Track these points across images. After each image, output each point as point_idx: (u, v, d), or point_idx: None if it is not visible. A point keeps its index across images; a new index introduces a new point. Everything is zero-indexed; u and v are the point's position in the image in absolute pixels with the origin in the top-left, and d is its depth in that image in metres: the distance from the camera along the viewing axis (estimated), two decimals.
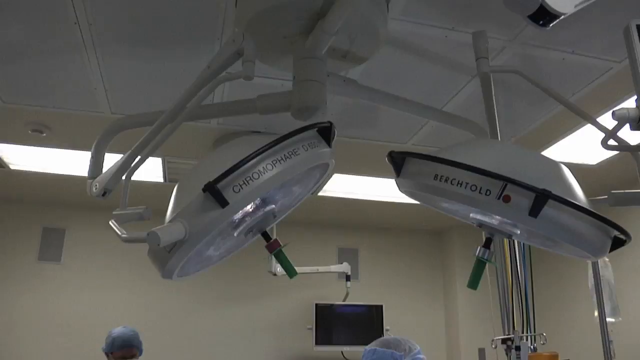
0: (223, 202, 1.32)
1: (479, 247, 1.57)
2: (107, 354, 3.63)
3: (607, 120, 1.49)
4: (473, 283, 1.60)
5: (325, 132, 1.52)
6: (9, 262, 5.39)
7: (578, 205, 1.37)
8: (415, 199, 1.66)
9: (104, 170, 1.84)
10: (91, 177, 1.85)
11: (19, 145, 4.18)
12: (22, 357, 5.12)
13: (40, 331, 5.23)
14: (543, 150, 3.89)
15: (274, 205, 1.57)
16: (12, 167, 4.60)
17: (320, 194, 5.24)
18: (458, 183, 1.36)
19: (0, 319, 5.24)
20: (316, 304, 5.57)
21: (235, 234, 1.56)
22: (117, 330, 3.66)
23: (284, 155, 1.40)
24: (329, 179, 1.73)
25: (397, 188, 1.61)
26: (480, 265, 1.59)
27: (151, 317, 5.33)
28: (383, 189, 4.90)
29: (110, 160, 1.83)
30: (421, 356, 1.55)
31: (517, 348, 3.40)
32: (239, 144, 1.53)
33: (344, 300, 5.63)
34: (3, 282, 5.33)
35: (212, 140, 3.93)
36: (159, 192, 2.44)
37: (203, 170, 1.43)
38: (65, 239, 5.58)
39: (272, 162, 1.38)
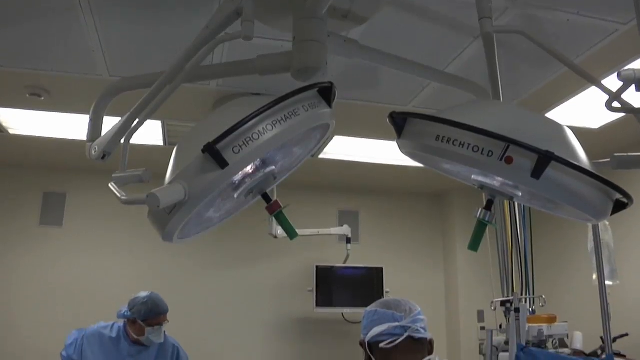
0: (223, 163, 1.30)
1: (479, 209, 1.57)
2: (132, 320, 3.44)
3: (610, 82, 1.47)
4: (474, 245, 1.60)
5: (326, 93, 1.50)
6: (10, 226, 5.41)
7: (581, 168, 1.36)
8: (417, 160, 1.65)
9: (103, 133, 1.83)
10: (90, 140, 1.84)
11: (17, 110, 4.16)
12: (24, 321, 5.17)
13: (41, 295, 5.27)
14: (544, 113, 3.86)
15: (274, 167, 1.56)
16: (11, 131, 4.58)
17: (320, 156, 5.25)
18: (460, 144, 1.34)
19: (1, 282, 5.28)
20: (317, 267, 5.61)
21: (235, 196, 1.55)
22: (154, 295, 3.52)
23: (284, 115, 1.38)
24: (330, 141, 1.72)
25: (398, 150, 1.59)
26: (481, 227, 1.58)
27: (152, 280, 5.35)
28: (384, 152, 4.89)
29: (110, 123, 1.81)
30: (421, 317, 1.56)
31: (517, 310, 3.43)
32: (238, 104, 1.51)
33: (344, 263, 5.67)
34: (4, 246, 5.36)
35: (211, 102, 3.90)
36: (159, 155, 2.43)
37: (202, 131, 1.42)
38: (66, 203, 5.59)
39: (272, 122, 1.36)
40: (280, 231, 5.06)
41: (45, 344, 4.62)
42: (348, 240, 5.63)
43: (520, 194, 1.58)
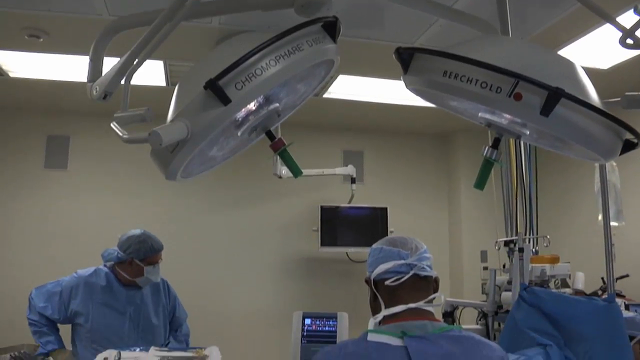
0: (225, 100, 1.28)
1: (486, 147, 1.55)
2: (128, 262, 3.21)
3: (624, 19, 1.43)
4: (480, 183, 1.59)
5: (331, 28, 1.46)
6: (14, 170, 5.40)
7: (591, 105, 1.33)
8: (423, 97, 1.62)
9: (104, 73, 1.79)
10: (91, 80, 1.81)
11: (17, 52, 4.08)
12: (26, 264, 5.21)
13: (47, 237, 5.30)
14: None
15: (277, 104, 1.53)
16: (11, 74, 4.52)
17: (325, 95, 5.17)
18: (468, 80, 1.32)
19: (7, 225, 5.33)
20: (321, 206, 5.62)
21: (238, 134, 1.53)
22: (147, 232, 3.31)
23: (288, 50, 1.35)
24: (334, 79, 1.69)
25: (403, 89, 1.56)
26: (487, 165, 1.57)
27: (158, 221, 5.39)
28: (389, 91, 4.83)
29: (110, 63, 1.78)
30: (427, 255, 1.56)
31: (520, 250, 3.43)
32: (240, 40, 1.48)
33: (349, 203, 5.67)
34: (9, 190, 5.37)
35: (214, 41, 3.83)
36: (162, 96, 2.38)
37: (204, 67, 1.39)
38: (71, 146, 5.56)
39: (275, 57, 1.33)
40: (284, 171, 5.05)
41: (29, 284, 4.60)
42: (352, 181, 5.62)
43: (528, 132, 1.56)
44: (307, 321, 3.55)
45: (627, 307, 3.61)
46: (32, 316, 3.18)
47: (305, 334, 3.53)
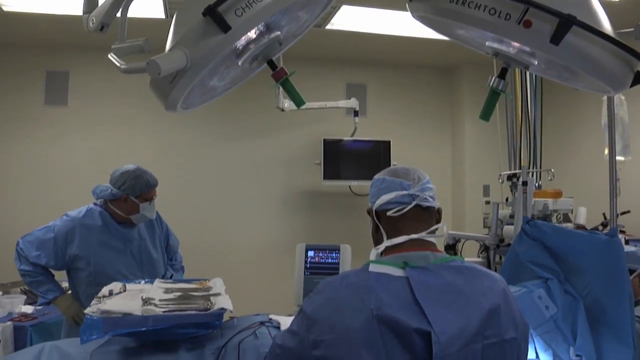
0: (225, 27, 1.24)
1: (493, 77, 1.51)
2: (122, 199, 3.04)
3: None
4: (485, 114, 1.56)
5: None
6: (14, 107, 5.35)
7: (604, 34, 1.29)
8: (429, 25, 1.57)
9: (100, 3, 1.74)
10: (87, 12, 1.75)
11: None
12: (31, 201, 5.25)
13: (49, 175, 5.32)
14: None
15: (279, 32, 1.49)
16: (5, 8, 4.41)
17: (327, 27, 5.08)
18: (476, 6, 1.27)
19: (8, 164, 5.34)
20: (324, 140, 5.60)
21: (239, 63, 1.50)
22: (141, 168, 3.11)
23: None
24: (337, 10, 1.63)
25: (407, 21, 1.52)
26: (493, 95, 1.54)
27: (160, 155, 5.39)
28: (393, 23, 4.73)
29: None
30: (430, 185, 1.54)
31: (524, 183, 3.42)
32: None
33: (351, 136, 5.65)
34: (10, 128, 5.34)
35: None
36: (161, 29, 2.32)
37: None
38: (70, 81, 5.50)
39: None
40: (287, 104, 5.00)
41: (25, 223, 4.48)
42: (355, 114, 5.58)
43: (536, 62, 1.52)
44: (310, 253, 3.59)
45: (627, 242, 3.64)
46: (23, 267, 2.99)
47: (308, 265, 3.57)
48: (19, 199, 5.27)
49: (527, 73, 3.95)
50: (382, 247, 1.51)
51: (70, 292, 3.16)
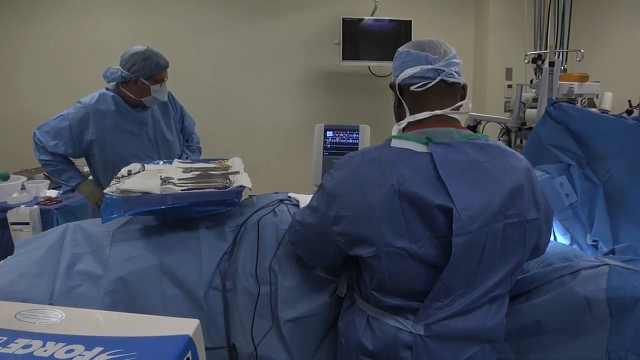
0: None
1: None
2: (133, 81, 3.00)
3: None
4: None
5: None
6: None
7: None
8: None
9: None
10: None
11: None
12: (43, 85, 5.20)
13: (60, 58, 5.24)
14: None
15: None
16: None
17: None
18: None
19: (17, 49, 5.24)
20: (343, 19, 5.40)
21: None
22: (150, 48, 3.03)
23: None
24: None
25: None
26: None
27: (176, 35, 5.27)
28: None
29: None
30: (456, 60, 1.47)
31: (551, 64, 3.30)
32: None
33: (371, 15, 5.46)
34: (16, 14, 5.19)
35: None
36: None
37: None
38: None
39: None
40: None
41: (46, 110, 4.41)
42: None
43: None
44: (329, 133, 3.56)
45: None
46: (43, 157, 3.03)
47: (327, 146, 3.55)
48: (32, 84, 5.22)
49: None
50: (404, 122, 1.47)
51: (91, 178, 3.21)
